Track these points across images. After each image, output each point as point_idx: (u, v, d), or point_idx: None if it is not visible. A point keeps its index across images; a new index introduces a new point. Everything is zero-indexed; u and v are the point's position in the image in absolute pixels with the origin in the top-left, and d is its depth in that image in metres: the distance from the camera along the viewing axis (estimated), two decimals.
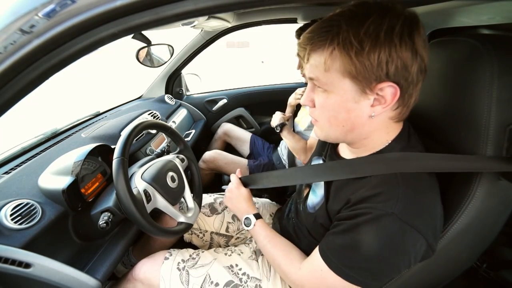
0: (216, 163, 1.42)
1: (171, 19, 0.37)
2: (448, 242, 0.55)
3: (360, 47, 0.43)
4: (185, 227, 0.77)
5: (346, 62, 0.45)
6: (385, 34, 0.42)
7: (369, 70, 0.44)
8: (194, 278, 0.74)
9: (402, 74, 0.45)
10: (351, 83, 0.47)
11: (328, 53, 0.46)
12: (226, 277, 0.74)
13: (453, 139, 0.57)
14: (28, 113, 3.91)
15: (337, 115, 0.51)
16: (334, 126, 0.53)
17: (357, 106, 0.49)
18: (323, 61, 0.47)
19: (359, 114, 0.50)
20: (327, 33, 0.46)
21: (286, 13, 1.43)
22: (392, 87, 0.46)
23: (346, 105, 0.49)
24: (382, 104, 0.48)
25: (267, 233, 0.72)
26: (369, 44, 0.43)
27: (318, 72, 0.49)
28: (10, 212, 0.63)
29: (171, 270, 0.75)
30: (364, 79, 0.45)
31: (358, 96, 0.48)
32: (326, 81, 0.49)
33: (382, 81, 0.45)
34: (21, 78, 0.38)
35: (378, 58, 0.43)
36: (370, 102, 0.48)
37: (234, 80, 7.66)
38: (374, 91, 0.47)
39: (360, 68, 0.44)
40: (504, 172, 0.51)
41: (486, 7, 0.73)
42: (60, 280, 0.59)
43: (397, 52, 0.43)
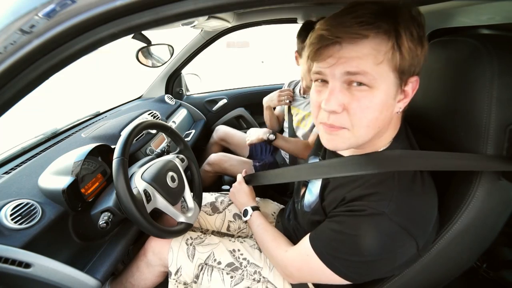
0: (221, 165, 1.41)
1: (171, 19, 0.37)
2: (448, 242, 0.55)
3: (419, 41, 0.43)
4: (185, 227, 0.77)
5: (404, 55, 0.42)
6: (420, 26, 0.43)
7: (415, 65, 0.44)
8: (199, 253, 0.78)
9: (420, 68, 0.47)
10: (395, 78, 0.44)
11: (387, 45, 0.42)
12: (228, 259, 0.77)
13: (453, 139, 0.57)
14: (28, 113, 3.91)
15: (379, 115, 0.45)
16: (370, 129, 0.47)
17: (394, 103, 0.47)
18: (377, 53, 0.42)
19: (393, 111, 0.47)
20: (383, 23, 0.41)
21: (286, 13, 1.43)
22: (416, 81, 0.47)
23: (388, 102, 0.45)
24: (405, 99, 0.47)
25: (261, 221, 0.80)
26: (420, 40, 0.43)
27: (366, 65, 0.42)
28: (10, 212, 0.63)
29: (180, 243, 0.80)
30: (407, 73, 0.44)
31: (395, 92, 0.46)
32: (375, 75, 0.43)
33: (414, 74, 0.46)
34: (21, 78, 0.38)
35: (422, 54, 0.44)
36: (399, 98, 0.47)
37: (234, 80, 7.66)
38: (405, 86, 0.46)
39: (411, 62, 0.43)
40: (504, 172, 0.51)
41: (486, 7, 0.73)
42: (60, 280, 0.59)
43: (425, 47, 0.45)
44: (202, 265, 0.76)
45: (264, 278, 0.74)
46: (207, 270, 0.76)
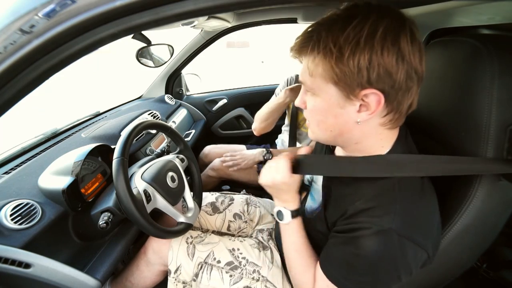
0: (226, 171, 1.38)
1: (171, 19, 0.37)
2: (449, 242, 0.55)
3: (340, 53, 0.42)
4: (185, 227, 0.77)
5: (327, 68, 0.44)
6: (365, 39, 0.41)
7: (349, 77, 0.43)
8: (199, 252, 0.78)
9: (385, 81, 0.43)
10: (335, 89, 0.46)
11: (311, 60, 0.46)
12: (228, 258, 0.77)
13: (453, 140, 0.57)
14: (28, 113, 3.91)
15: (325, 119, 0.50)
16: (322, 130, 0.53)
17: (343, 112, 0.48)
18: (307, 67, 0.47)
19: (346, 119, 0.48)
20: (309, 40, 0.46)
21: (286, 13, 1.43)
22: (376, 95, 0.44)
23: (332, 110, 0.48)
24: (368, 111, 0.46)
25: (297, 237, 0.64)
26: (348, 50, 0.41)
27: (305, 76, 0.49)
28: (10, 212, 0.63)
29: (180, 242, 0.80)
30: (347, 85, 0.44)
31: (343, 102, 0.47)
32: (312, 85, 0.49)
33: (365, 88, 0.44)
34: (21, 78, 0.38)
35: (358, 65, 0.42)
36: (356, 108, 0.46)
37: (234, 80, 7.66)
38: (359, 98, 0.45)
39: (341, 75, 0.43)
40: (505, 173, 0.51)
41: (486, 7, 0.73)
42: (60, 280, 0.59)
43: (378, 58, 0.41)
44: (202, 263, 0.77)
45: (263, 277, 0.74)
46: (207, 268, 0.76)
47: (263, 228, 0.91)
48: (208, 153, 1.56)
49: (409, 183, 0.50)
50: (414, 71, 0.44)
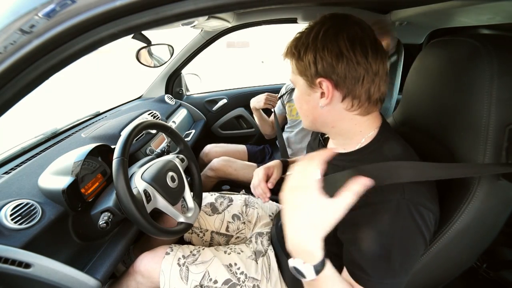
0: (226, 170, 1.39)
1: (171, 19, 0.37)
2: (448, 242, 0.55)
3: (298, 53, 0.56)
4: (185, 227, 0.77)
5: (294, 64, 0.58)
6: (312, 41, 0.53)
7: (305, 68, 0.55)
8: (193, 274, 0.75)
9: (329, 71, 0.53)
10: (302, 79, 0.58)
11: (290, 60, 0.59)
12: (225, 276, 0.74)
13: (453, 139, 0.57)
14: (28, 113, 3.91)
15: (301, 106, 0.62)
16: (303, 116, 0.63)
17: (310, 98, 0.58)
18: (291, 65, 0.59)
19: (314, 105, 0.58)
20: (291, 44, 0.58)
21: (286, 13, 1.43)
22: (326, 82, 0.54)
23: (304, 97, 0.60)
24: (326, 98, 0.56)
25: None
26: (302, 50, 0.55)
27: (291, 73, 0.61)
28: (10, 212, 0.63)
29: (171, 265, 0.76)
30: (306, 76, 0.56)
31: (308, 90, 0.57)
32: (293, 79, 0.61)
33: (318, 77, 0.54)
34: (21, 78, 0.38)
35: (308, 60, 0.54)
36: (318, 95, 0.56)
37: (234, 80, 7.66)
38: (318, 86, 0.55)
39: (301, 69, 0.56)
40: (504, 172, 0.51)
41: (486, 7, 0.73)
42: (60, 280, 0.59)
43: (321, 54, 0.52)
44: (198, 287, 0.74)
45: None
46: None
47: (262, 232, 0.90)
48: (208, 152, 1.56)
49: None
50: (357, 63, 0.52)
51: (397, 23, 1.24)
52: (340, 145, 0.63)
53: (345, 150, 0.61)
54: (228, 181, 1.45)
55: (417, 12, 0.98)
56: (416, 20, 1.18)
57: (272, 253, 0.82)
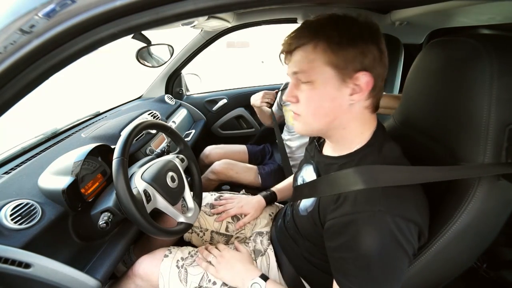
0: (227, 173, 1.38)
1: (171, 19, 0.37)
2: (448, 242, 0.55)
3: (340, 40, 0.50)
4: (185, 227, 0.77)
5: (328, 53, 0.51)
6: (360, 31, 0.51)
7: (349, 60, 0.51)
8: (192, 276, 0.75)
9: (374, 66, 0.52)
10: (333, 72, 0.52)
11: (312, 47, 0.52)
12: None
13: (453, 139, 0.57)
14: (28, 113, 3.91)
15: (322, 104, 0.54)
16: (318, 117, 0.56)
17: (339, 94, 0.53)
18: (307, 54, 0.53)
19: (341, 102, 0.54)
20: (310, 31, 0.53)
21: (286, 13, 1.43)
22: (368, 76, 0.51)
23: (330, 93, 0.53)
24: (358, 93, 0.53)
25: None
26: (347, 39, 0.50)
27: (303, 64, 0.53)
28: (10, 212, 0.63)
29: (170, 267, 0.76)
30: (344, 68, 0.51)
31: (339, 84, 0.52)
32: (310, 70, 0.53)
33: (359, 70, 0.51)
34: (21, 78, 0.38)
35: (354, 51, 0.50)
36: (349, 91, 0.53)
37: (234, 80, 7.66)
38: (352, 81, 0.52)
39: (341, 59, 0.51)
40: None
41: (486, 7, 0.73)
42: (60, 280, 0.59)
43: (369, 47, 0.51)
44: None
45: None
46: None
47: (262, 231, 0.90)
48: (209, 154, 1.56)
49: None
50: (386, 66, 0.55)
51: (397, 23, 1.24)
52: (337, 150, 0.62)
53: (339, 154, 0.61)
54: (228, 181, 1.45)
55: (417, 12, 0.98)
56: (416, 20, 1.18)
57: (272, 252, 0.82)
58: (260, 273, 0.70)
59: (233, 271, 0.73)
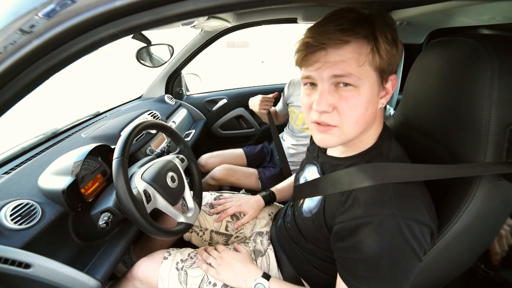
0: (228, 179, 1.37)
1: (171, 19, 0.37)
2: (448, 242, 0.55)
3: (394, 42, 0.48)
4: (185, 227, 0.77)
5: (378, 56, 0.47)
6: (391, 30, 0.49)
7: (392, 64, 0.50)
8: (192, 278, 0.74)
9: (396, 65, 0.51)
10: (377, 77, 0.49)
11: (367, 48, 0.47)
12: None
13: (453, 139, 0.57)
14: (28, 113, 3.91)
15: (366, 112, 0.50)
16: (358, 125, 0.51)
17: (377, 100, 0.52)
18: (358, 55, 0.46)
19: (378, 107, 0.53)
20: (362, 28, 0.46)
21: (286, 13, 1.43)
22: (395, 79, 0.52)
23: (373, 99, 0.50)
24: (386, 95, 0.53)
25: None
26: (393, 42, 0.48)
27: (350, 67, 0.47)
28: (10, 212, 0.63)
29: (169, 270, 0.75)
30: (387, 72, 0.50)
31: (378, 89, 0.51)
32: (359, 75, 0.47)
33: (392, 73, 0.51)
34: (21, 78, 0.38)
35: (397, 53, 0.49)
36: (382, 94, 0.53)
37: (234, 80, 7.66)
38: (386, 84, 0.52)
39: (389, 62, 0.49)
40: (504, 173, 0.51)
41: (486, 7, 0.73)
42: (60, 280, 0.59)
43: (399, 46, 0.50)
44: None
45: None
46: None
47: (262, 232, 0.90)
48: (205, 164, 1.52)
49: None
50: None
51: (397, 23, 1.24)
52: (344, 152, 0.61)
53: (346, 155, 0.61)
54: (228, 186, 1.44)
55: (417, 12, 0.98)
56: (416, 20, 1.18)
57: (272, 252, 0.82)
58: (262, 272, 0.70)
59: (234, 272, 0.72)
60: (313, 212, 0.64)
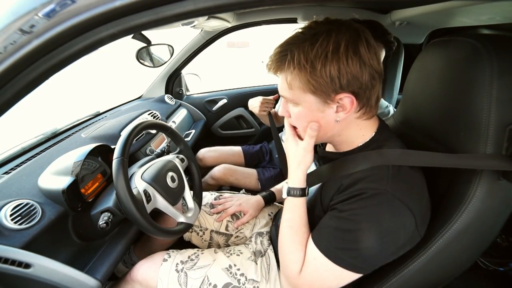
0: (227, 179, 1.37)
1: (171, 19, 0.37)
2: (448, 242, 0.55)
3: (312, 68, 0.49)
4: (185, 227, 0.77)
5: (303, 81, 0.51)
6: (332, 53, 0.48)
7: (324, 85, 0.50)
8: (192, 279, 0.74)
9: (354, 84, 0.50)
10: (313, 97, 0.53)
11: (288, 74, 0.53)
12: (224, 279, 0.74)
13: (453, 139, 0.57)
14: (28, 113, 3.91)
15: (310, 123, 0.57)
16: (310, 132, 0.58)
17: (324, 115, 0.55)
18: (285, 81, 0.54)
19: (328, 120, 0.56)
20: (284, 57, 0.52)
21: (286, 13, 1.43)
22: (348, 97, 0.51)
23: (314, 115, 0.55)
24: (344, 111, 0.54)
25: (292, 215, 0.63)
26: (320, 64, 0.49)
27: (284, 90, 0.55)
28: (10, 212, 0.63)
29: (169, 271, 0.75)
30: (323, 93, 0.51)
31: (322, 107, 0.54)
32: (292, 97, 0.55)
33: (339, 92, 0.51)
34: (21, 78, 0.38)
35: (330, 75, 0.49)
36: (334, 110, 0.54)
37: (234, 80, 7.66)
38: (335, 101, 0.52)
39: (316, 85, 0.51)
40: (504, 172, 0.51)
41: (486, 7, 0.73)
42: (60, 280, 0.59)
43: (345, 67, 0.49)
44: None
45: None
46: None
47: (262, 232, 0.90)
48: (202, 157, 1.52)
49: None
50: (375, 71, 0.52)
51: (397, 23, 1.24)
52: (339, 148, 0.64)
53: (342, 150, 0.63)
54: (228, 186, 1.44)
55: (417, 12, 0.98)
56: (416, 20, 1.18)
57: (272, 253, 0.82)
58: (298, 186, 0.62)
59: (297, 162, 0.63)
60: (311, 201, 0.66)
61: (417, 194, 0.53)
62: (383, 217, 0.50)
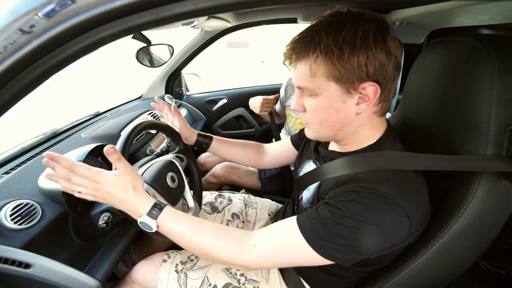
0: (229, 177, 1.37)
1: (171, 19, 0.37)
2: (448, 242, 0.55)
3: (341, 52, 0.48)
4: None
5: (329, 67, 0.49)
6: (361, 40, 0.47)
7: (351, 72, 0.49)
8: (192, 280, 0.74)
9: (380, 73, 0.50)
10: (337, 85, 0.51)
11: (313, 61, 0.50)
12: (224, 279, 0.73)
13: (453, 139, 0.57)
14: (28, 113, 3.91)
15: (328, 116, 0.55)
16: (325, 127, 0.57)
17: (345, 106, 0.53)
18: (309, 68, 0.51)
19: (347, 112, 0.54)
20: (309, 43, 0.50)
21: (286, 13, 1.43)
22: (373, 86, 0.50)
23: (335, 106, 0.53)
24: (366, 102, 0.52)
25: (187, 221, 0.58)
26: (348, 49, 0.48)
27: (304, 80, 0.53)
28: (10, 212, 0.63)
29: (169, 272, 0.75)
30: (347, 81, 0.50)
31: (344, 97, 0.52)
32: (313, 86, 0.53)
33: (364, 81, 0.50)
34: (21, 78, 0.38)
35: (358, 61, 0.48)
36: (355, 101, 0.52)
37: (234, 80, 7.66)
38: (358, 91, 0.51)
39: (342, 71, 0.49)
40: (504, 172, 0.51)
41: (486, 7, 0.73)
42: (60, 280, 0.59)
43: (373, 54, 0.48)
44: None
45: None
46: None
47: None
48: (204, 162, 1.52)
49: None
50: (398, 63, 0.52)
51: (397, 23, 1.24)
52: (345, 148, 0.63)
53: (347, 150, 0.62)
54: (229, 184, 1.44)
55: (417, 12, 0.98)
56: (416, 20, 1.18)
57: None
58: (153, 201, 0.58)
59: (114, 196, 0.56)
60: (310, 200, 0.66)
61: (416, 201, 0.51)
62: (381, 218, 0.49)
